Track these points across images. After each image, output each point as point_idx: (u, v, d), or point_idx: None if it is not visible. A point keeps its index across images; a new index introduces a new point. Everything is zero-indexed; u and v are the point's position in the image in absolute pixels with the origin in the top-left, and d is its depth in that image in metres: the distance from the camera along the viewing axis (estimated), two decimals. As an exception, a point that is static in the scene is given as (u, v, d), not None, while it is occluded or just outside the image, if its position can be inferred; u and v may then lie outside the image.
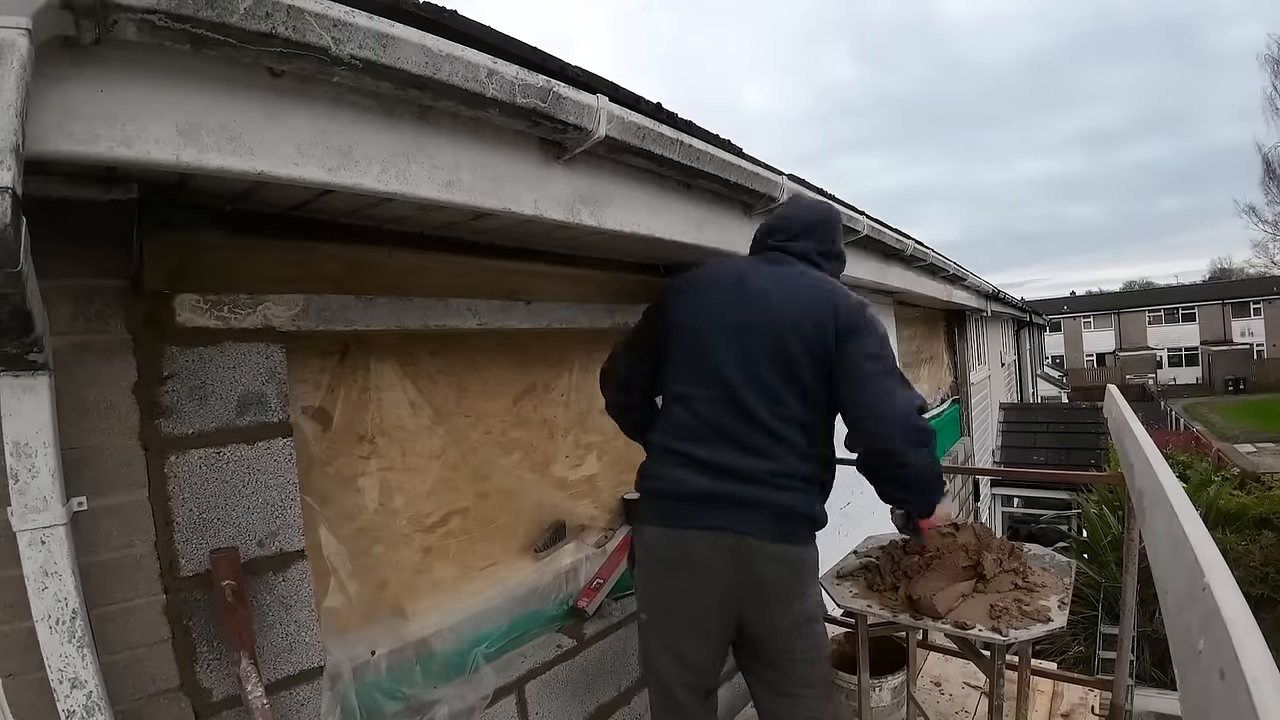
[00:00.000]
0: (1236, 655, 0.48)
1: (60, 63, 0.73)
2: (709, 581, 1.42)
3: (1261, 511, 7.90)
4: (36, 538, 0.91)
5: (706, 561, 1.41)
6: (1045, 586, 1.80)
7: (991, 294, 7.43)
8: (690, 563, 1.42)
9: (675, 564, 1.44)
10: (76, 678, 0.94)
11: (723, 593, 1.43)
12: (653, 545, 1.48)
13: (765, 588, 1.43)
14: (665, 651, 1.49)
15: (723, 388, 1.43)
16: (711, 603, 1.44)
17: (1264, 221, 26.77)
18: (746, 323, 1.45)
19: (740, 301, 1.47)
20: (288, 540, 1.30)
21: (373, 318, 1.48)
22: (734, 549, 1.40)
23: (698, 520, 1.42)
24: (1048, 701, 2.33)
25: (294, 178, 0.94)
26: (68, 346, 1.04)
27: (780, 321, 1.43)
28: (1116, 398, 1.77)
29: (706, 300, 1.51)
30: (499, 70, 1.06)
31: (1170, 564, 0.77)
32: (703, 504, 1.41)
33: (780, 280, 1.50)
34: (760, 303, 1.46)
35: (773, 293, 1.47)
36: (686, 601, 1.45)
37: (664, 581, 1.47)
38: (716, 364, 1.44)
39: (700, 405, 1.45)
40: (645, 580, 1.53)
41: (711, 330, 1.47)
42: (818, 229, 1.62)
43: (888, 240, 3.11)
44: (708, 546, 1.41)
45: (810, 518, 1.46)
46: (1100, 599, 6.44)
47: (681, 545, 1.43)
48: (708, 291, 1.52)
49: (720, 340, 1.45)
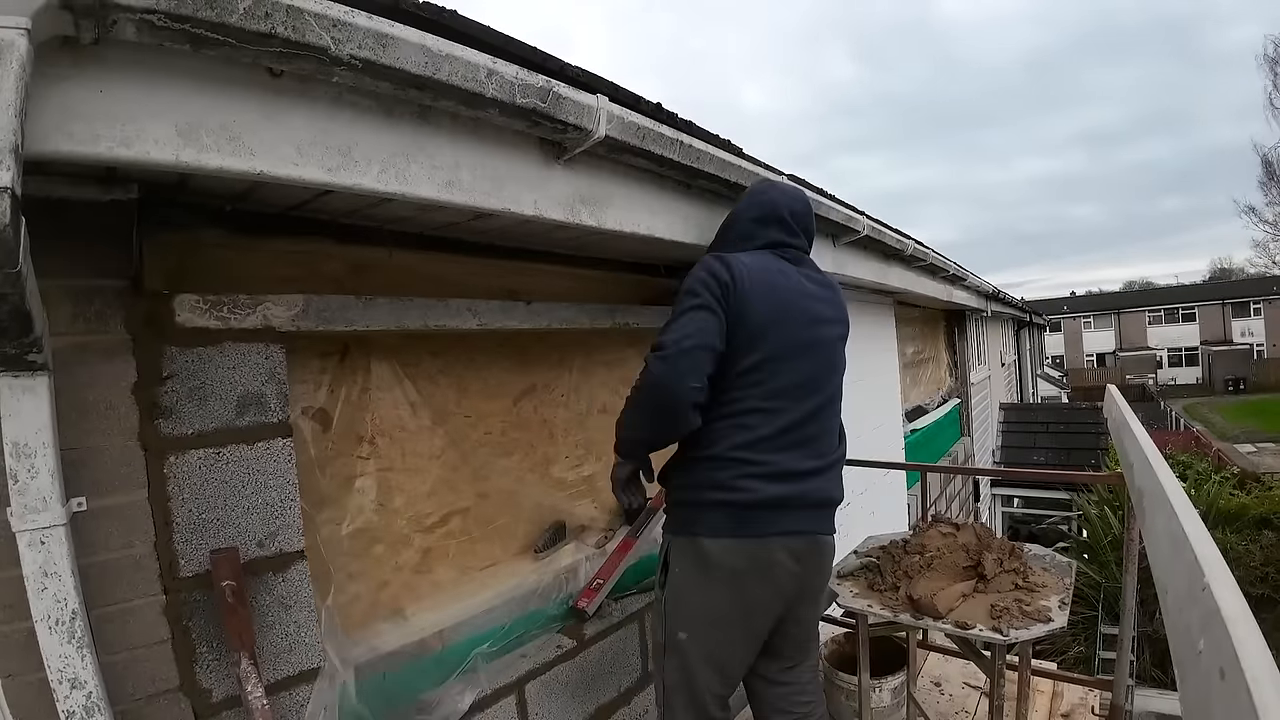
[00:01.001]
0: (1237, 655, 0.48)
1: (60, 63, 0.73)
2: (778, 588, 1.45)
3: (1262, 511, 7.88)
4: (36, 538, 0.91)
5: (779, 568, 1.43)
6: (1045, 586, 1.80)
7: (991, 294, 7.43)
8: (761, 572, 1.42)
9: (744, 576, 1.42)
10: (76, 678, 0.94)
11: (788, 596, 1.48)
12: (715, 557, 1.42)
13: (818, 584, 1.56)
14: (709, 665, 1.46)
15: (801, 398, 1.46)
16: (775, 609, 1.48)
17: (1264, 221, 26.80)
18: (811, 333, 1.50)
19: (803, 311, 1.50)
20: (287, 541, 1.30)
21: (373, 318, 1.48)
22: (808, 552, 1.48)
23: (778, 526, 1.43)
24: (1048, 701, 2.33)
25: (293, 178, 0.94)
26: (67, 347, 1.04)
27: (831, 331, 1.57)
28: (1116, 398, 1.77)
29: (775, 307, 1.45)
30: (499, 70, 1.06)
31: (1170, 564, 0.77)
32: (778, 511, 1.42)
33: (819, 287, 1.58)
34: (815, 311, 1.53)
35: (819, 301, 1.55)
36: (750, 611, 1.45)
37: (726, 593, 1.43)
38: (793, 375, 1.46)
39: (780, 418, 1.44)
40: (699, 593, 1.45)
41: (784, 340, 1.45)
42: (807, 219, 1.66)
43: (888, 240, 3.11)
44: (783, 553, 1.43)
45: None
46: (1100, 599, 6.44)
47: (754, 555, 1.42)
48: (772, 296, 1.45)
49: (796, 350, 1.47)
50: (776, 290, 1.46)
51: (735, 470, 1.41)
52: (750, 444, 1.42)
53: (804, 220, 1.64)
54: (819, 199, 2.26)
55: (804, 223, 1.64)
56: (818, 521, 1.50)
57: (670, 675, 1.49)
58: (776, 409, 1.43)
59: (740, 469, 1.41)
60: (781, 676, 1.61)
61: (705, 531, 1.44)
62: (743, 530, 1.42)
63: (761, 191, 1.67)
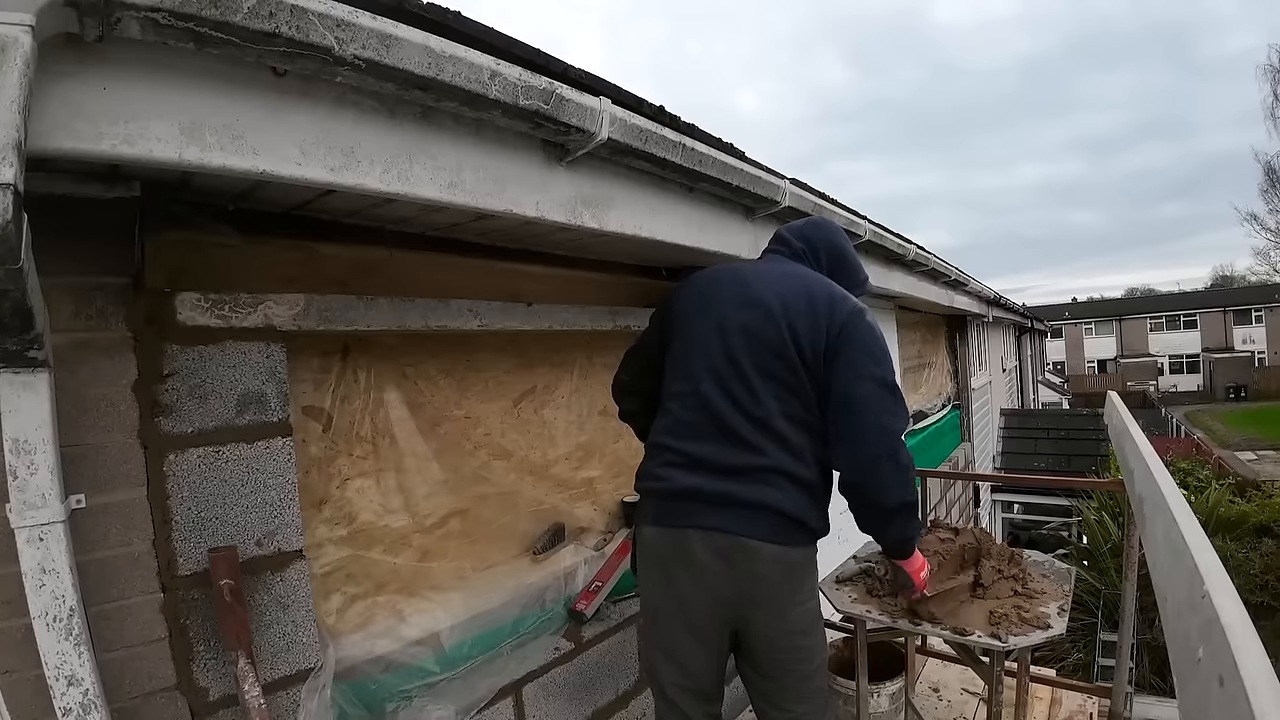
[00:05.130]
0: (1235, 663, 0.48)
1: (64, 60, 0.73)
2: (703, 584, 1.39)
3: (1262, 519, 7.87)
4: (35, 534, 0.91)
5: (701, 563, 1.38)
6: (1045, 593, 1.79)
7: (993, 299, 7.43)
8: (685, 564, 1.40)
9: (669, 564, 1.43)
10: (73, 675, 0.94)
11: (718, 596, 1.40)
12: (649, 545, 1.47)
13: (759, 592, 1.39)
14: (661, 654, 1.49)
15: (716, 382, 1.42)
16: (706, 606, 1.41)
17: (1266, 229, 26.77)
18: (741, 319, 1.44)
19: (735, 298, 1.47)
20: (286, 540, 1.30)
21: (374, 318, 1.48)
22: (729, 551, 1.37)
23: (693, 520, 1.39)
24: (1046, 708, 2.33)
25: (296, 177, 0.94)
26: (68, 344, 1.04)
27: (773, 315, 1.42)
28: (1117, 404, 1.77)
29: (702, 299, 1.51)
30: (502, 72, 1.06)
31: (1170, 571, 0.77)
32: (697, 502, 1.39)
33: (773, 275, 1.51)
34: (753, 297, 1.45)
35: (764, 286, 1.47)
36: (681, 604, 1.43)
37: (659, 582, 1.46)
38: (710, 359, 1.43)
39: (694, 401, 1.43)
40: (642, 581, 1.53)
41: (707, 326, 1.46)
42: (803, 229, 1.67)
43: (889, 245, 3.11)
44: (702, 547, 1.38)
45: (804, 519, 1.40)
46: (1100, 606, 6.42)
47: (676, 545, 1.41)
48: (704, 290, 1.53)
49: (714, 336, 1.44)
50: (716, 288, 1.51)
51: (660, 458, 1.47)
52: (668, 429, 1.47)
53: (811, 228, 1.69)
54: (820, 203, 2.26)
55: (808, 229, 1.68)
56: (745, 524, 1.36)
57: (643, 662, 1.55)
58: (693, 392, 1.43)
59: (662, 456, 1.46)
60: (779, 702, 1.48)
61: (641, 520, 1.52)
62: (663, 519, 1.45)
63: None
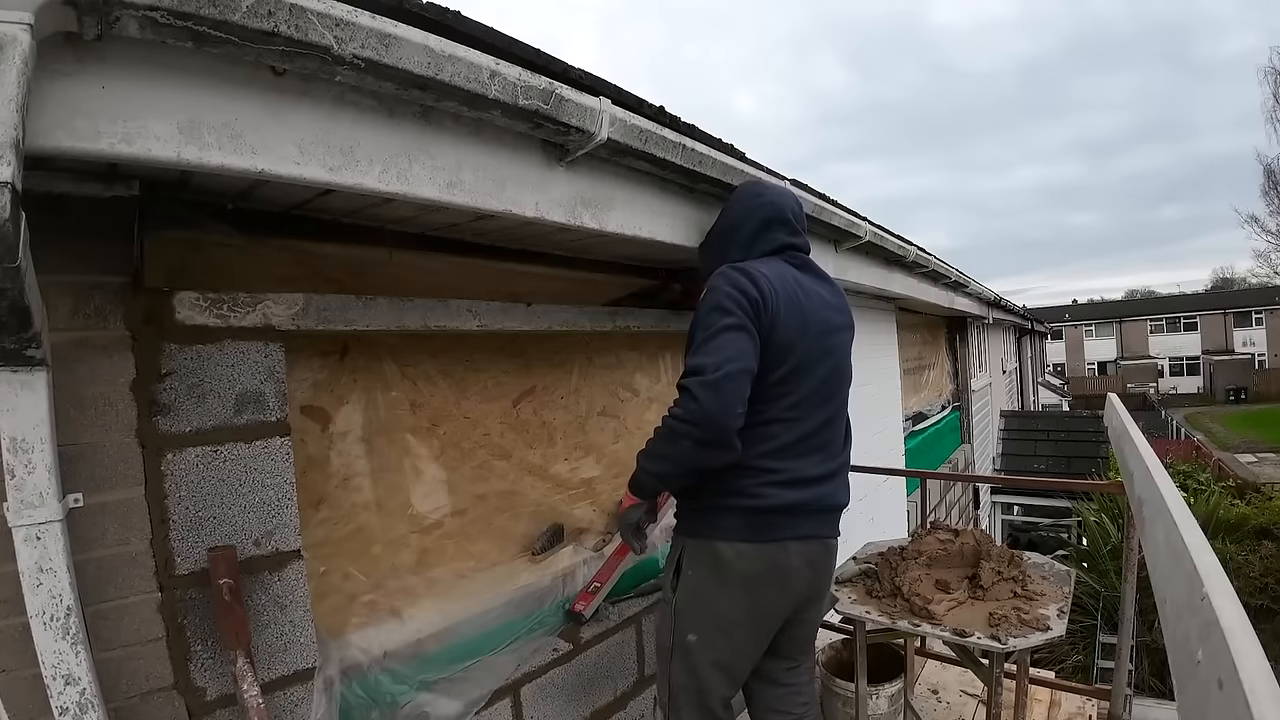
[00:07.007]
0: (1235, 666, 0.48)
1: (62, 59, 0.73)
2: (791, 591, 1.48)
3: (1261, 521, 7.87)
4: (32, 533, 0.91)
5: (795, 571, 1.46)
6: (1044, 595, 1.79)
7: (993, 301, 7.42)
8: (776, 575, 1.45)
9: (758, 578, 1.44)
10: (70, 675, 0.94)
11: (797, 598, 1.50)
12: (731, 561, 1.43)
13: (824, 584, 1.58)
14: (716, 667, 1.48)
15: (818, 406, 1.48)
16: (783, 612, 1.51)
17: (1266, 231, 26.79)
18: (828, 343, 1.52)
19: (822, 322, 1.52)
20: (284, 540, 1.30)
21: (373, 318, 1.48)
22: (819, 555, 1.52)
23: (790, 531, 1.45)
24: (1045, 710, 2.33)
25: (295, 177, 0.94)
26: (66, 342, 1.03)
27: (845, 337, 1.60)
28: (1117, 406, 1.76)
29: (797, 319, 1.45)
30: (502, 72, 1.06)
31: (1169, 573, 0.77)
32: (793, 515, 1.45)
33: (831, 294, 1.60)
34: (832, 321, 1.55)
35: (834, 309, 1.57)
36: (761, 615, 1.48)
37: (740, 597, 1.45)
38: (814, 384, 1.48)
39: (799, 426, 1.46)
40: (713, 597, 1.46)
41: (810, 352, 1.46)
42: (804, 219, 1.70)
43: (889, 246, 3.11)
44: (797, 557, 1.46)
45: None
46: (1099, 608, 6.41)
47: (770, 558, 1.44)
48: (794, 309, 1.45)
49: (816, 361, 1.48)
50: (799, 304, 1.47)
51: (758, 478, 1.42)
52: (772, 452, 1.44)
53: (804, 220, 1.69)
54: (821, 204, 2.26)
55: (805, 222, 1.69)
56: (828, 525, 1.54)
57: (677, 677, 1.50)
58: (796, 418, 1.46)
59: (763, 477, 1.42)
60: (782, 677, 1.64)
61: (722, 536, 1.44)
62: (760, 535, 1.43)
63: (758, 194, 1.65)
